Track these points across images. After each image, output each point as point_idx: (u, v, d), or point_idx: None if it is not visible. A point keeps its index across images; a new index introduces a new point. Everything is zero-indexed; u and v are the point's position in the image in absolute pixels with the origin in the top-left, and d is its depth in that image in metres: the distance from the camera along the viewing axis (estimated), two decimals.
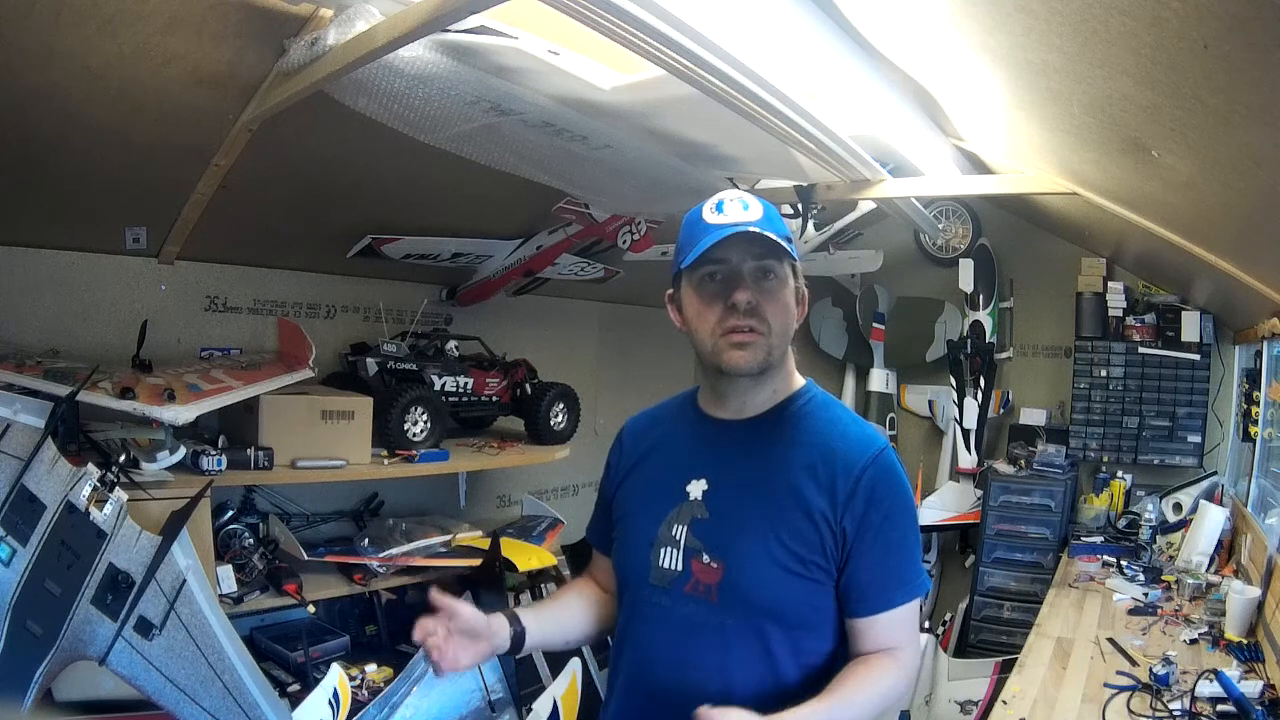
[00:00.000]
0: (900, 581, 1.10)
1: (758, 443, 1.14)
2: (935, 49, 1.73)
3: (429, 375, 2.65)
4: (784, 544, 1.07)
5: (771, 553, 1.07)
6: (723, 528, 1.11)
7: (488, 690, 2.27)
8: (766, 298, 1.09)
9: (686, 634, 1.11)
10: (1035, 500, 3.44)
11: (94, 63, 1.60)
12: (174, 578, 1.69)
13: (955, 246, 3.81)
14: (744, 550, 1.09)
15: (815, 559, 1.07)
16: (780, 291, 1.11)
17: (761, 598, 1.08)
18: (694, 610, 1.11)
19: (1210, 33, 1.10)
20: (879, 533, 1.07)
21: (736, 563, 1.09)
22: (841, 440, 1.11)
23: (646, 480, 1.21)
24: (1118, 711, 1.86)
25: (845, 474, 1.08)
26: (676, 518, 1.14)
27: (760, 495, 1.11)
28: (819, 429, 1.13)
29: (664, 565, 1.13)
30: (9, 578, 1.56)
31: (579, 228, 2.81)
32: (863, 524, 1.07)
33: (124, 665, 1.64)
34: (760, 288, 1.09)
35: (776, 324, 1.10)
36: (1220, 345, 3.35)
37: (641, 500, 1.20)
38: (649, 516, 1.16)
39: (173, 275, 2.41)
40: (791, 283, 1.13)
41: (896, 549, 1.09)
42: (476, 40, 1.53)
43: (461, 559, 2.52)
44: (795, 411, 1.15)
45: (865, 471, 1.08)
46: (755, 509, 1.10)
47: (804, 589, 1.08)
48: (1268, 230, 1.84)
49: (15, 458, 1.64)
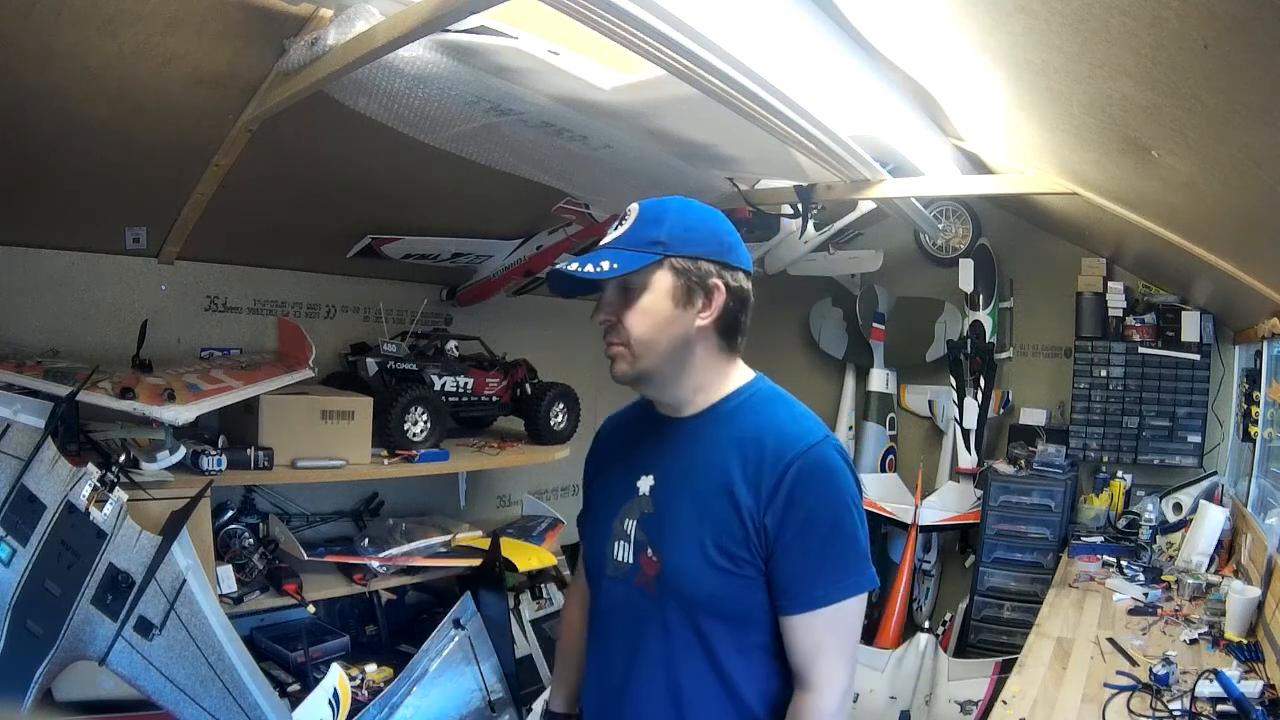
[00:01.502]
0: (824, 581, 1.07)
1: (696, 440, 1.16)
2: (935, 49, 1.73)
3: (429, 375, 2.65)
4: (714, 540, 1.09)
5: (703, 548, 1.09)
6: (663, 523, 1.14)
7: (488, 690, 2.27)
8: (626, 310, 1.13)
9: (636, 624, 1.15)
10: (1035, 500, 3.44)
11: (94, 63, 1.60)
12: (174, 578, 1.69)
13: (955, 246, 3.81)
14: (677, 545, 1.12)
15: (742, 555, 1.08)
16: (638, 300, 1.12)
17: (694, 592, 1.10)
18: (640, 602, 1.15)
19: (1210, 33, 1.10)
20: (800, 530, 1.07)
21: (671, 557, 1.12)
22: (774, 436, 1.10)
23: (609, 476, 1.26)
24: (1118, 711, 1.86)
25: (771, 470, 1.08)
26: (628, 512, 1.18)
27: (695, 491, 1.12)
28: (755, 424, 1.13)
29: (618, 558, 1.18)
30: (9, 578, 1.56)
31: (579, 228, 2.81)
32: (784, 521, 1.07)
33: (124, 665, 1.64)
34: (619, 305, 1.14)
35: (636, 331, 1.12)
36: (1220, 345, 3.35)
37: (603, 495, 1.25)
38: (608, 511, 1.21)
39: (173, 275, 2.41)
40: (666, 284, 1.11)
41: (820, 548, 1.07)
42: (476, 40, 1.53)
43: (461, 559, 2.53)
44: (735, 408, 1.17)
45: (790, 467, 1.07)
46: (690, 505, 1.12)
47: (734, 584, 1.09)
48: (1268, 230, 1.84)
49: (15, 458, 1.64)
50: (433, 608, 2.69)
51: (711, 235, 1.15)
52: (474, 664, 2.26)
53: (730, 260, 1.15)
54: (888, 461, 4.02)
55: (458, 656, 2.25)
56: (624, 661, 1.17)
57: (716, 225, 1.17)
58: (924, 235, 3.86)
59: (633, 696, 1.15)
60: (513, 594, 2.63)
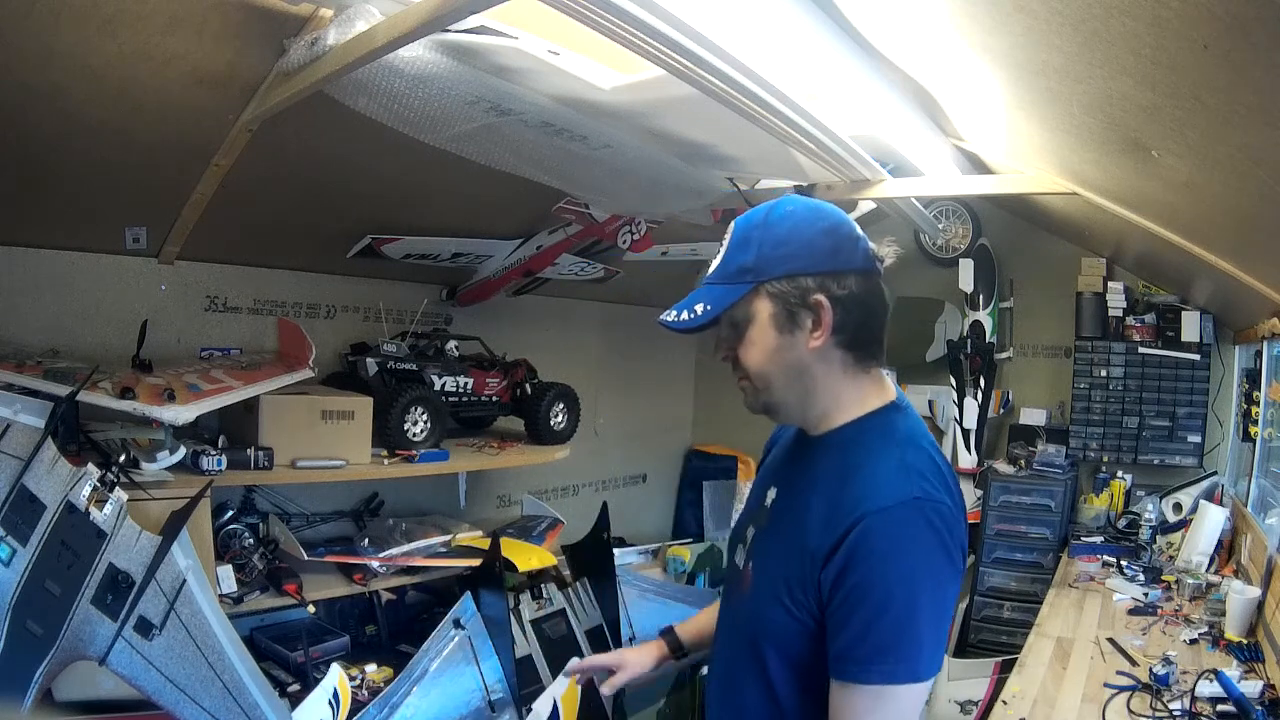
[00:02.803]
0: (863, 658, 0.95)
1: (810, 464, 1.10)
2: (935, 49, 1.73)
3: (429, 375, 2.65)
4: (785, 576, 1.03)
5: (776, 582, 1.04)
6: (766, 540, 1.11)
7: (488, 690, 2.27)
8: (738, 344, 1.07)
9: (730, 629, 1.18)
10: (1035, 500, 3.44)
11: (94, 63, 1.60)
12: (174, 578, 1.69)
13: (955, 246, 3.81)
14: (763, 567, 1.09)
15: (801, 599, 1.01)
16: (746, 334, 1.06)
17: (760, 617, 1.06)
18: (736, 610, 1.15)
19: (1210, 33, 1.10)
20: (849, 596, 0.96)
21: (756, 578, 1.09)
22: (858, 484, 0.99)
23: (758, 480, 1.25)
24: (1118, 711, 1.86)
25: (840, 522, 0.97)
26: (753, 520, 1.17)
27: (793, 517, 1.06)
28: (852, 463, 1.03)
29: (736, 561, 1.17)
30: (9, 578, 1.56)
31: (579, 228, 2.81)
32: (837, 582, 0.97)
33: (124, 665, 1.63)
34: (733, 339, 1.08)
35: (751, 365, 1.07)
36: (1220, 345, 3.35)
37: (751, 497, 1.23)
38: (746, 514, 1.21)
39: (173, 275, 2.41)
40: (766, 312, 1.04)
41: (865, 621, 0.95)
42: (476, 40, 1.53)
43: (461, 559, 2.52)
44: (850, 438, 1.07)
45: (856, 525, 0.96)
46: (786, 530, 1.07)
47: (792, 625, 1.02)
48: (1268, 230, 1.84)
49: (15, 458, 1.64)
50: (433, 608, 2.70)
51: (805, 245, 1.04)
52: (474, 664, 2.26)
53: (834, 267, 1.03)
54: None
55: (458, 656, 2.25)
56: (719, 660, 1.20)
57: (811, 231, 1.05)
58: (924, 235, 3.86)
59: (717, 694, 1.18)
60: (513, 594, 2.63)
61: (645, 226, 2.78)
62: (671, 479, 4.54)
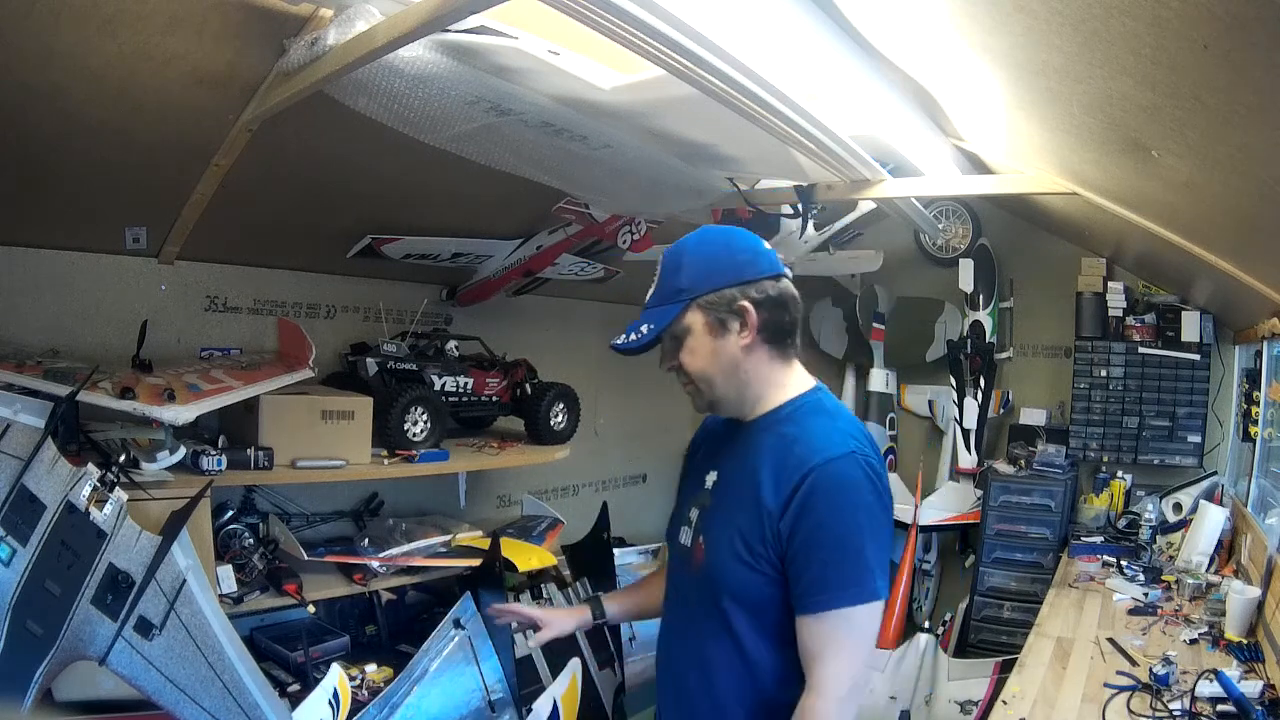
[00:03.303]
0: (828, 588, 1.14)
1: (749, 444, 1.28)
2: (935, 49, 1.73)
3: (429, 375, 2.65)
4: (741, 535, 1.21)
5: (732, 542, 1.22)
6: (713, 515, 1.29)
7: (488, 690, 2.27)
8: (680, 354, 1.28)
9: (685, 601, 1.33)
10: (1035, 500, 3.44)
11: (94, 63, 1.60)
12: (174, 578, 1.69)
13: (955, 246, 3.82)
14: (716, 536, 1.26)
15: (761, 552, 1.19)
16: (686, 345, 1.27)
17: (722, 579, 1.23)
18: (690, 582, 1.31)
19: (1210, 33, 1.10)
20: (810, 538, 1.15)
21: (710, 546, 1.26)
22: (802, 445, 1.20)
23: (693, 469, 1.41)
24: (1118, 711, 1.86)
25: (792, 478, 1.17)
26: (696, 501, 1.34)
27: (738, 490, 1.25)
28: (793, 433, 1.23)
29: (683, 541, 1.34)
30: (9, 578, 1.56)
31: (579, 228, 2.81)
32: (796, 527, 1.16)
33: (124, 665, 1.63)
34: (675, 350, 1.28)
35: (695, 371, 1.27)
36: (1220, 345, 3.35)
37: (687, 485, 1.41)
38: (685, 499, 1.38)
39: (173, 275, 2.41)
40: (700, 322, 1.25)
41: (826, 556, 1.15)
42: (476, 40, 1.53)
43: (461, 559, 2.52)
44: (784, 416, 1.27)
45: (806, 478, 1.16)
46: (732, 501, 1.26)
47: (754, 577, 1.20)
48: (1268, 230, 1.84)
49: (15, 458, 1.64)
50: (433, 608, 2.69)
51: (727, 262, 1.26)
52: (474, 664, 2.26)
53: (751, 275, 1.25)
54: (888, 461, 4.01)
55: (458, 656, 2.25)
56: (674, 631, 1.37)
57: (729, 249, 1.27)
58: (924, 235, 3.86)
59: (675, 660, 1.34)
60: (513, 594, 2.63)
61: (645, 226, 2.78)
62: (671, 479, 4.49)
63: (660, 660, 1.40)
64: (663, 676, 1.38)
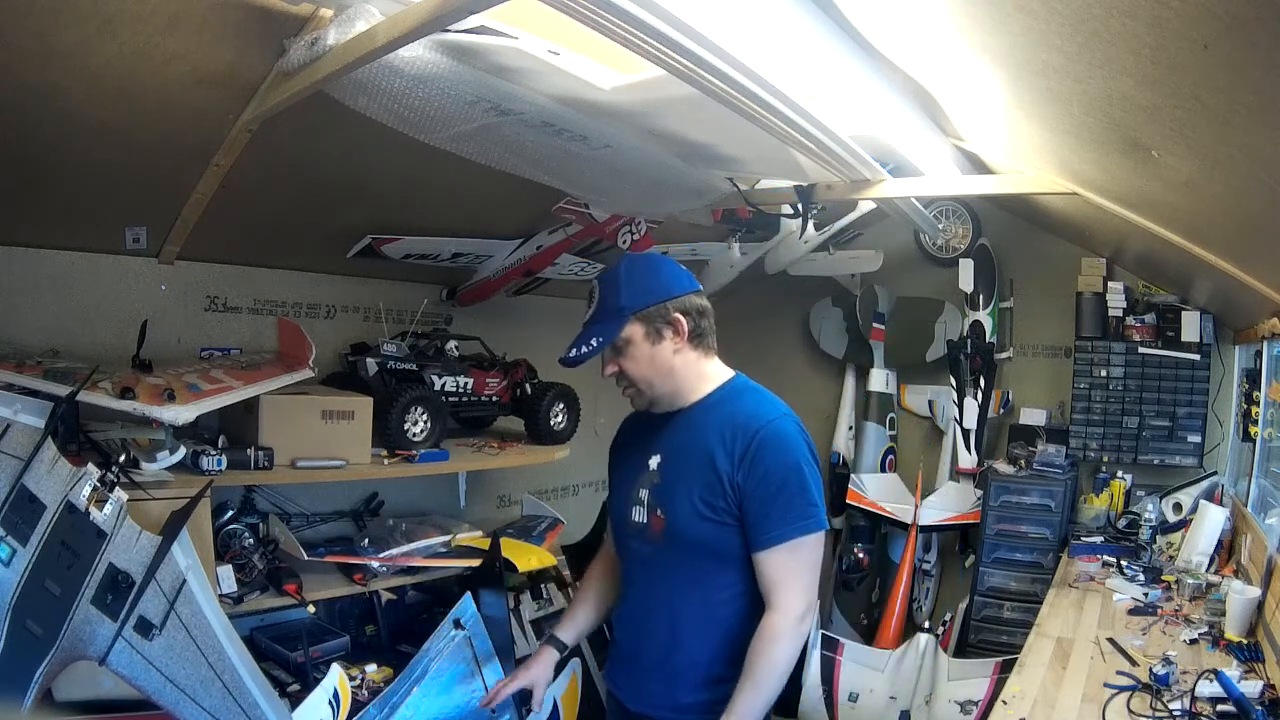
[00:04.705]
0: (780, 523, 1.41)
1: (690, 426, 1.52)
2: (935, 49, 1.73)
3: (429, 375, 2.65)
4: (701, 497, 1.45)
5: (693, 504, 1.46)
6: (666, 489, 1.51)
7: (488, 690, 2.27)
8: (622, 361, 1.51)
9: (648, 569, 1.55)
10: (1035, 500, 3.43)
11: (94, 63, 1.60)
12: (174, 578, 1.69)
13: (955, 246, 3.81)
14: (677, 504, 1.48)
15: (721, 505, 1.44)
16: (627, 353, 1.50)
17: (688, 536, 1.47)
18: (651, 550, 1.52)
19: (1210, 33, 1.10)
20: (760, 483, 1.41)
21: (672, 514, 1.49)
22: (744, 415, 1.47)
23: (628, 459, 1.61)
24: (1118, 711, 1.86)
25: (740, 440, 1.43)
26: (642, 483, 1.54)
27: (689, 463, 1.48)
28: (732, 409, 1.49)
29: (636, 519, 1.55)
30: (9, 578, 1.56)
31: (579, 228, 2.81)
32: (748, 476, 1.42)
33: (124, 665, 1.63)
34: (618, 359, 1.51)
35: (637, 375, 1.51)
36: (1220, 345, 3.35)
37: (624, 473, 1.61)
38: (628, 484, 1.58)
39: (173, 275, 2.42)
40: (639, 333, 1.48)
41: (774, 496, 1.41)
42: (476, 40, 1.53)
43: (461, 559, 2.53)
44: (718, 399, 1.53)
45: (754, 436, 1.43)
46: (686, 473, 1.48)
47: (718, 530, 1.45)
48: (1268, 230, 1.84)
49: (15, 458, 1.64)
50: (433, 608, 2.69)
51: (657, 282, 1.51)
52: (474, 664, 2.26)
53: (678, 291, 1.51)
54: (888, 461, 4.01)
55: (458, 656, 2.24)
56: (639, 597, 1.58)
57: (658, 272, 1.53)
58: (924, 235, 3.86)
59: (642, 619, 1.56)
60: (513, 594, 2.63)
61: (645, 226, 2.78)
62: None
63: (624, 619, 1.62)
64: (624, 632, 1.61)
